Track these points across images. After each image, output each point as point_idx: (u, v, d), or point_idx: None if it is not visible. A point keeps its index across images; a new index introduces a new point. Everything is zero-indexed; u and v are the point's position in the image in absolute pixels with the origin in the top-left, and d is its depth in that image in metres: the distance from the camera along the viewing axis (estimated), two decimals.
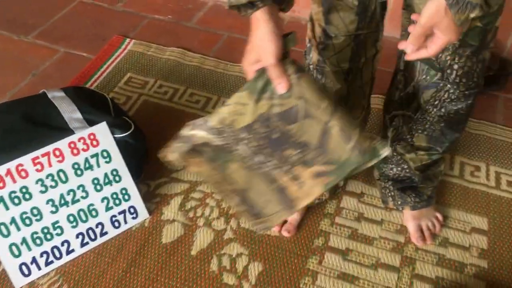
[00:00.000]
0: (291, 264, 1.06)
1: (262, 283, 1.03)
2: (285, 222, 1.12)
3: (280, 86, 0.72)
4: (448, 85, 0.89)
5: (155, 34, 1.70)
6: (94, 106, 1.16)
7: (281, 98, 0.74)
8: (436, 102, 0.93)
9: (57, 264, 1.04)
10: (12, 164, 0.99)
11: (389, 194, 1.12)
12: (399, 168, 1.08)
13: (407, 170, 1.07)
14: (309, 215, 1.15)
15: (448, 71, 0.87)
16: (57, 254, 1.05)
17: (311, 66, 0.95)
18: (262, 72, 0.73)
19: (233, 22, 1.77)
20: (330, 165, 0.76)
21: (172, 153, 0.79)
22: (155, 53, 1.62)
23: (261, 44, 0.71)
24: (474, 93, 0.91)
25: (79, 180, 1.06)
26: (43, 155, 1.02)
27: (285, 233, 1.10)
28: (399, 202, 1.10)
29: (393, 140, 1.06)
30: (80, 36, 1.68)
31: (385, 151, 0.74)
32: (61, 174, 1.04)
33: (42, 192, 1.03)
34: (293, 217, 1.12)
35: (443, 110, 0.94)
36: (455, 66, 0.86)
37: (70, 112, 1.12)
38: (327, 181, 0.77)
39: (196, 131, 0.77)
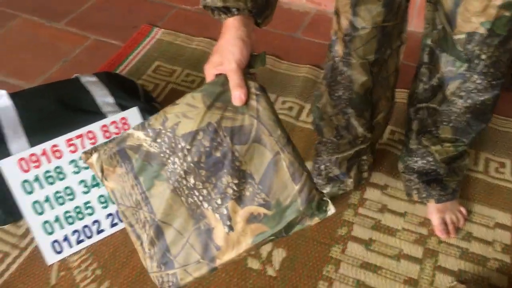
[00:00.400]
0: (314, 251, 1.08)
1: (286, 269, 1.05)
2: None
3: (237, 96, 0.67)
4: (475, 76, 0.90)
5: (183, 24, 1.72)
6: (125, 91, 1.19)
7: (235, 112, 0.67)
8: (463, 93, 0.94)
9: (87, 242, 1.08)
10: (47, 145, 1.03)
11: (414, 187, 1.12)
12: (424, 161, 1.09)
13: (432, 163, 1.08)
14: (333, 205, 1.16)
15: (476, 61, 0.87)
16: (88, 233, 1.08)
17: (336, 59, 0.96)
18: (223, 78, 0.67)
19: None
20: (268, 209, 0.66)
21: (94, 155, 0.70)
22: (183, 42, 1.64)
23: (225, 48, 0.68)
24: (500, 83, 0.91)
25: None
26: (77, 137, 1.05)
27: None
28: (423, 195, 1.11)
29: (418, 133, 1.07)
30: (110, 24, 1.72)
31: (332, 209, 0.67)
32: None
33: (75, 172, 1.06)
34: None
35: (469, 101, 0.94)
36: (483, 56, 0.86)
37: (103, 97, 1.15)
38: (260, 231, 0.65)
39: (134, 131, 0.69)
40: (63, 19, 1.72)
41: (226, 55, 0.67)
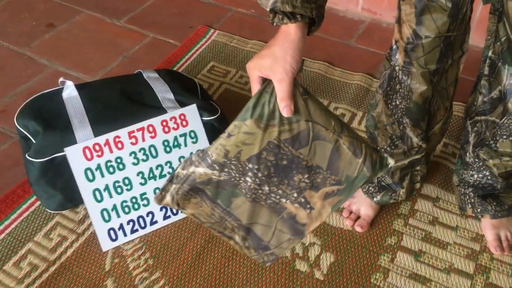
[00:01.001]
0: (363, 258, 1.08)
1: (334, 273, 1.05)
2: (358, 217, 1.14)
3: (286, 108, 0.69)
4: None
5: (238, 27, 1.76)
6: (185, 88, 1.22)
7: (290, 123, 0.70)
8: None
9: (141, 232, 1.11)
10: (110, 136, 1.07)
11: (469, 201, 1.11)
12: (480, 175, 1.08)
13: (489, 177, 1.06)
14: (383, 214, 1.16)
15: None
16: (142, 224, 1.11)
17: (396, 68, 0.96)
18: (268, 96, 0.69)
19: None
20: (340, 185, 0.74)
21: (167, 197, 0.74)
22: (237, 44, 1.67)
23: (282, 57, 0.68)
24: None
25: (167, 156, 1.12)
26: (138, 130, 1.09)
27: (358, 228, 1.12)
28: (478, 210, 1.09)
29: (475, 146, 1.06)
30: (167, 23, 1.77)
31: (391, 162, 0.76)
32: (152, 149, 1.11)
33: (134, 164, 1.10)
34: (367, 214, 1.14)
35: None
36: None
37: (164, 92, 1.18)
38: (336, 201, 0.75)
39: (194, 168, 0.72)
40: (123, 16, 1.78)
41: (281, 64, 0.68)
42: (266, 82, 0.70)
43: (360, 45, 1.69)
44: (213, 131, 1.17)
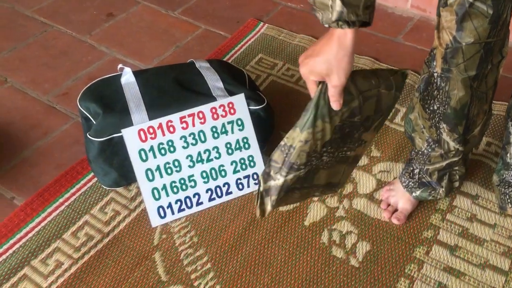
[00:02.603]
0: (398, 249, 1.11)
1: (369, 262, 1.09)
2: (396, 210, 1.17)
3: (336, 104, 0.77)
4: None
5: (287, 21, 1.80)
6: (234, 78, 1.28)
7: (347, 104, 0.80)
8: None
9: (187, 212, 1.19)
10: (163, 120, 1.14)
11: (509, 201, 1.12)
12: None
13: None
14: (421, 208, 1.18)
15: None
16: (189, 204, 1.19)
17: (435, 74, 0.96)
18: (322, 91, 0.77)
19: None
20: (383, 116, 0.90)
21: (268, 208, 0.86)
22: (285, 38, 1.72)
23: (339, 64, 0.72)
24: None
25: (215, 142, 1.19)
26: (189, 116, 1.16)
27: (395, 221, 1.15)
28: None
29: None
30: (219, 16, 1.83)
31: (408, 71, 0.88)
32: (201, 135, 1.18)
33: (184, 147, 1.17)
34: (405, 207, 1.16)
35: None
36: None
37: (214, 81, 1.25)
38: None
39: (284, 177, 0.83)
40: (178, 8, 1.86)
41: (337, 72, 0.73)
42: (320, 85, 0.78)
43: (407, 42, 1.69)
44: (259, 120, 1.23)
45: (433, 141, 1.05)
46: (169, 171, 1.16)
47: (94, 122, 1.18)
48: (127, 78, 1.24)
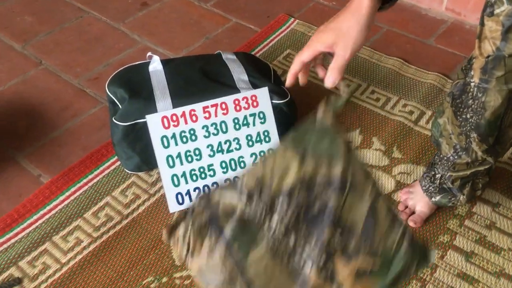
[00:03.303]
0: None
1: None
2: (413, 212, 1.16)
3: (331, 78, 0.68)
4: None
5: (318, 18, 1.80)
6: (259, 71, 1.29)
7: (329, 161, 0.65)
8: None
9: None
10: (187, 108, 1.17)
11: None
12: None
13: None
14: (439, 213, 1.17)
15: None
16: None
17: (472, 83, 0.93)
18: (317, 116, 0.66)
19: (394, 17, 1.80)
20: (375, 256, 0.63)
21: (180, 228, 0.65)
22: None
23: (349, 32, 0.65)
24: None
25: (236, 133, 1.21)
26: (212, 106, 1.18)
27: (411, 223, 1.14)
28: None
29: None
30: (250, 9, 1.84)
31: (434, 257, 0.66)
32: (223, 125, 1.19)
33: (205, 137, 1.19)
34: (423, 211, 1.15)
35: None
36: None
37: (239, 74, 1.26)
38: (369, 286, 0.63)
39: (220, 192, 0.65)
40: (210, 0, 1.88)
41: (346, 40, 0.67)
42: (326, 101, 0.69)
43: (439, 45, 1.67)
44: (281, 114, 1.24)
45: (461, 149, 1.02)
46: (189, 159, 1.18)
47: (120, 107, 1.21)
48: (155, 66, 1.27)
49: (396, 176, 1.26)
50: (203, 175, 1.20)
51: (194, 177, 1.19)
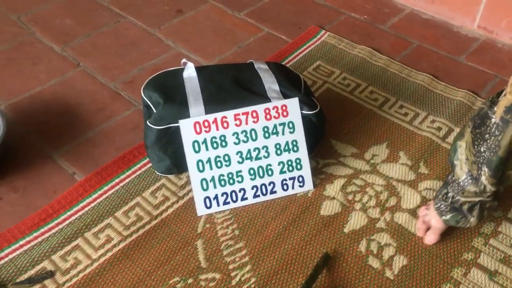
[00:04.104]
0: (436, 267, 1.11)
1: (404, 275, 1.10)
2: (428, 228, 1.16)
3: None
4: None
5: (349, 31, 1.82)
6: (290, 82, 1.32)
7: None
8: None
9: (232, 205, 1.23)
10: (219, 115, 1.20)
11: None
12: None
13: None
14: (464, 230, 1.18)
15: None
16: (234, 198, 1.23)
17: (492, 119, 0.94)
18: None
19: (426, 32, 1.81)
20: None
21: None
22: (345, 47, 1.74)
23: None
24: None
25: (265, 141, 1.23)
26: (243, 114, 1.21)
27: (426, 240, 1.15)
28: None
29: None
30: (283, 20, 1.88)
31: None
32: (253, 133, 1.22)
33: (235, 143, 1.22)
34: (438, 226, 1.14)
35: None
36: None
37: (270, 83, 1.29)
38: None
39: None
40: (244, 9, 1.93)
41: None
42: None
43: (469, 62, 1.67)
44: (310, 125, 1.26)
45: (471, 177, 1.02)
46: (218, 164, 1.21)
47: (155, 111, 1.25)
48: (189, 72, 1.31)
49: (421, 192, 1.27)
50: (231, 181, 1.23)
51: (223, 182, 1.22)
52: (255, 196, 1.25)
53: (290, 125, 1.24)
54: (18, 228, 1.17)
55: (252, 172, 1.24)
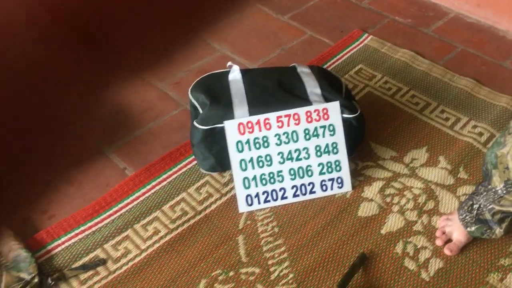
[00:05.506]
0: (472, 271, 1.12)
1: (440, 278, 1.12)
2: (449, 240, 1.17)
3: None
4: None
5: (392, 34, 1.83)
6: (331, 86, 1.35)
7: None
8: None
9: (272, 204, 1.29)
10: (261, 117, 1.25)
11: None
12: None
13: None
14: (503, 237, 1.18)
15: None
16: (274, 196, 1.28)
17: None
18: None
19: (470, 37, 1.80)
20: None
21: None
22: (388, 51, 1.75)
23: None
24: None
25: (306, 143, 1.28)
26: (285, 116, 1.26)
27: (447, 251, 1.16)
28: None
29: None
30: (326, 24, 1.91)
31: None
32: (294, 135, 1.27)
33: (277, 144, 1.27)
34: (459, 239, 1.15)
35: None
36: None
37: (312, 87, 1.33)
38: None
39: None
40: (288, 13, 1.97)
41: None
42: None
43: None
44: (350, 128, 1.29)
45: (511, 186, 1.01)
46: (260, 164, 1.27)
47: (201, 111, 1.31)
48: (234, 75, 1.36)
49: (460, 197, 1.28)
50: (272, 180, 1.28)
51: (264, 181, 1.27)
52: (294, 195, 1.29)
53: (331, 127, 1.28)
54: (73, 218, 1.27)
55: (292, 172, 1.28)
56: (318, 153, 1.28)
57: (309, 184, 1.29)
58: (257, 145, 1.26)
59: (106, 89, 1.66)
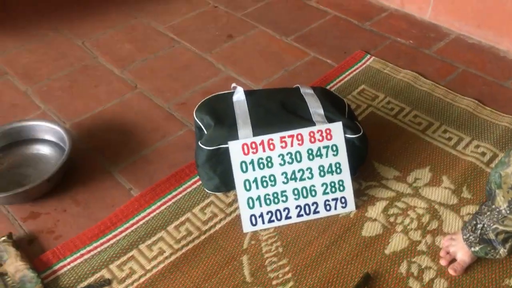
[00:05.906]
0: None
1: None
2: (453, 260, 1.18)
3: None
4: None
5: (394, 55, 1.86)
6: (334, 106, 1.37)
7: None
8: None
9: (276, 224, 1.29)
10: (265, 137, 1.27)
11: None
12: None
13: None
14: (507, 256, 1.18)
15: None
16: (278, 216, 1.29)
17: None
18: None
19: (472, 58, 1.82)
20: None
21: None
22: (390, 72, 1.78)
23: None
24: None
25: (309, 163, 1.29)
26: (289, 136, 1.27)
27: (451, 272, 1.16)
28: None
29: None
30: (329, 45, 1.94)
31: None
32: (297, 155, 1.28)
33: (280, 164, 1.28)
34: (463, 259, 1.16)
35: None
36: None
37: (315, 108, 1.35)
38: None
39: None
40: (292, 34, 2.00)
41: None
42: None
43: None
44: (353, 148, 1.31)
45: None
46: (264, 184, 1.28)
47: (206, 132, 1.33)
48: (239, 96, 1.39)
49: (464, 217, 1.28)
50: (276, 200, 1.29)
51: (268, 201, 1.29)
52: (298, 215, 1.30)
53: (334, 148, 1.29)
54: (79, 238, 1.28)
55: (296, 192, 1.29)
56: (322, 173, 1.30)
57: (313, 204, 1.30)
58: (261, 165, 1.28)
59: None
